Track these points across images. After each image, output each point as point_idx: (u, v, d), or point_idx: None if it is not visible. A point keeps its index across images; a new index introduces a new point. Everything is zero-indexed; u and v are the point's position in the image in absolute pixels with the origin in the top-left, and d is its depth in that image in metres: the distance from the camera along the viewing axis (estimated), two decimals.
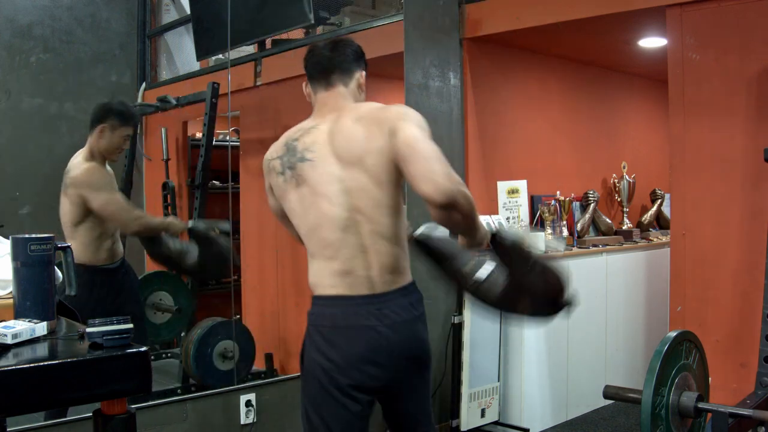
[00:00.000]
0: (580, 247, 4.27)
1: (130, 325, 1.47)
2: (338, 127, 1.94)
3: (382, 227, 1.92)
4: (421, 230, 1.96)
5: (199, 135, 4.46)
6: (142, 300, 3.91)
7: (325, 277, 1.95)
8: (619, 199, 4.84)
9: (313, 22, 4.10)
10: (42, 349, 1.50)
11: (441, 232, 1.94)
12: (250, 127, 4.83)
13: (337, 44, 2.07)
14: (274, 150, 2.04)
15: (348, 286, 1.93)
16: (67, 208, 3.22)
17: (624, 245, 4.54)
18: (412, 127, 1.84)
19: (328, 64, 2.04)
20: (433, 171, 1.76)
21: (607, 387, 2.25)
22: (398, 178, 1.89)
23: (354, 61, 2.07)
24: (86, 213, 3.18)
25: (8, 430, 1.95)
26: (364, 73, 2.10)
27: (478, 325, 3.72)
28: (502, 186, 4.10)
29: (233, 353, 3.64)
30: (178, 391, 3.57)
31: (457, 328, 3.66)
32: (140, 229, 3.47)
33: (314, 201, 1.93)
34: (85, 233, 3.19)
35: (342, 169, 1.91)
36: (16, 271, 1.60)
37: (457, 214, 1.79)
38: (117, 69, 5.39)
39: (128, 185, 4.61)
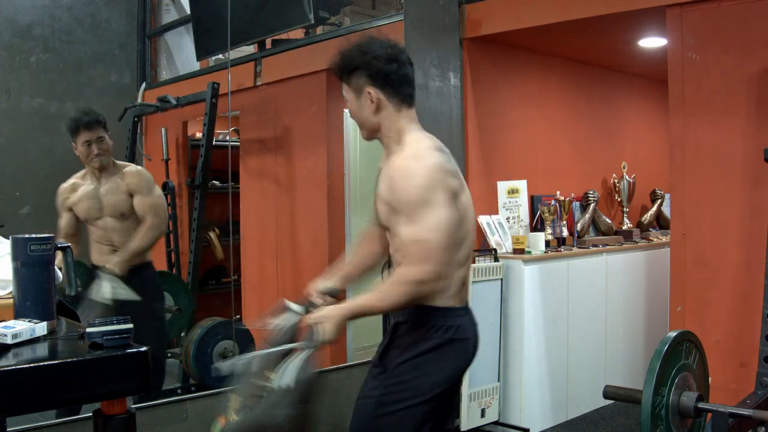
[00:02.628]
0: (580, 247, 4.27)
1: (130, 325, 1.47)
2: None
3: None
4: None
5: (199, 135, 4.46)
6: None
7: (450, 287, 1.91)
8: (619, 199, 4.84)
9: (313, 22, 4.10)
10: (42, 349, 1.50)
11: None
12: (250, 127, 4.83)
13: (407, 56, 1.97)
14: (439, 154, 1.92)
15: (461, 297, 1.97)
16: None
17: (624, 245, 4.54)
18: None
19: (413, 78, 1.98)
20: None
21: (607, 387, 2.24)
22: None
23: None
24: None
25: (8, 430, 1.96)
26: None
27: (478, 325, 3.72)
28: (502, 186, 4.10)
29: (233, 353, 3.65)
30: (178, 391, 3.57)
31: None
32: None
33: (469, 207, 1.98)
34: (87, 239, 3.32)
35: (463, 189, 1.98)
36: (16, 271, 1.60)
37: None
38: (117, 69, 5.40)
39: None
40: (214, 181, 4.86)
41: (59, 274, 1.78)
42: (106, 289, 3.16)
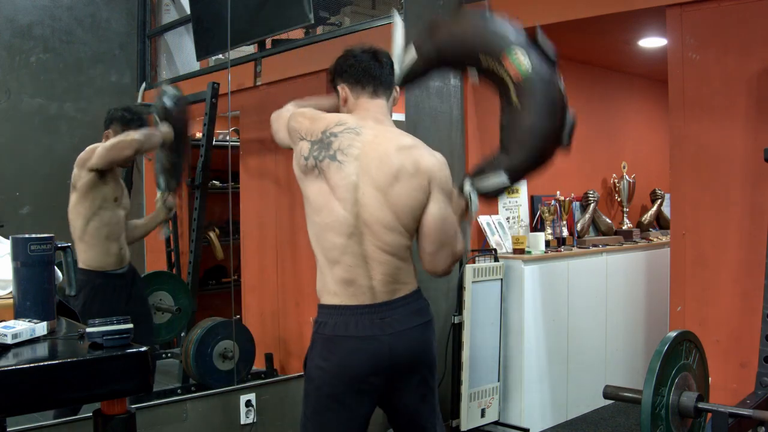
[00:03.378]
0: (580, 247, 4.27)
1: (130, 325, 1.48)
2: (379, 147, 1.97)
3: (385, 245, 1.96)
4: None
5: (199, 135, 4.46)
6: (148, 304, 3.92)
7: (329, 284, 1.98)
8: (619, 199, 4.84)
9: (313, 22, 4.10)
10: (42, 349, 1.50)
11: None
12: (250, 127, 4.83)
13: (381, 55, 2.10)
14: (310, 131, 2.02)
15: (350, 295, 1.96)
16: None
17: (624, 245, 4.54)
18: (440, 203, 1.98)
19: (376, 73, 2.07)
20: (438, 260, 2.01)
21: (607, 387, 2.24)
22: (415, 221, 1.97)
23: (393, 75, 2.13)
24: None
25: (8, 430, 1.96)
26: (398, 88, 2.16)
27: (478, 325, 3.72)
28: None
29: (233, 353, 3.65)
30: (178, 391, 3.57)
31: (457, 328, 3.66)
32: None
33: (329, 201, 1.96)
34: (93, 234, 3.21)
35: (365, 184, 1.94)
36: (16, 271, 1.60)
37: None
38: (117, 69, 5.40)
39: (128, 185, 4.61)
40: (214, 181, 4.86)
41: (59, 274, 1.78)
42: None
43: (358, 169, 1.94)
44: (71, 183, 3.20)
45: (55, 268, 1.69)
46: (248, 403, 3.29)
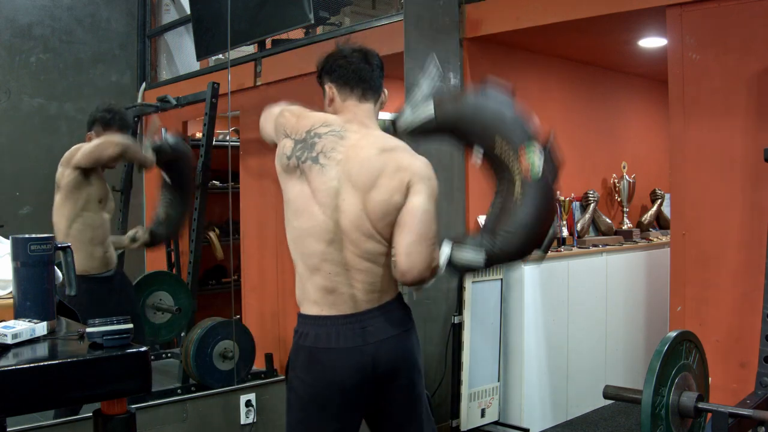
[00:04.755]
0: (580, 247, 4.27)
1: (130, 325, 1.47)
2: (361, 151, 1.92)
3: (364, 252, 1.91)
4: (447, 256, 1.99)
5: (199, 135, 4.46)
6: (139, 308, 3.91)
7: (309, 293, 1.95)
8: (619, 199, 4.84)
9: (313, 22, 4.10)
10: (42, 349, 1.50)
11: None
12: (250, 127, 4.82)
13: (371, 57, 2.05)
14: (296, 129, 1.99)
15: (331, 304, 1.92)
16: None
17: (624, 245, 4.54)
18: (423, 197, 1.89)
19: (367, 76, 2.02)
20: (415, 253, 1.87)
21: (607, 387, 2.24)
22: (390, 227, 1.91)
23: (382, 78, 2.08)
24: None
25: (8, 430, 1.96)
26: (386, 91, 2.11)
27: (478, 325, 3.72)
28: None
29: (233, 353, 3.64)
30: (178, 391, 3.57)
31: (457, 328, 3.66)
32: None
33: (309, 205, 1.93)
34: (76, 236, 3.16)
35: (346, 190, 1.90)
36: (16, 271, 1.60)
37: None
38: (117, 69, 5.40)
39: (128, 185, 4.62)
40: (214, 181, 4.86)
41: (59, 274, 1.78)
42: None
43: (339, 174, 1.90)
44: (56, 182, 3.17)
45: (55, 268, 1.69)
46: (248, 403, 3.29)
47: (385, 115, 2.14)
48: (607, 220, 4.63)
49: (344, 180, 1.90)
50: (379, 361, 1.93)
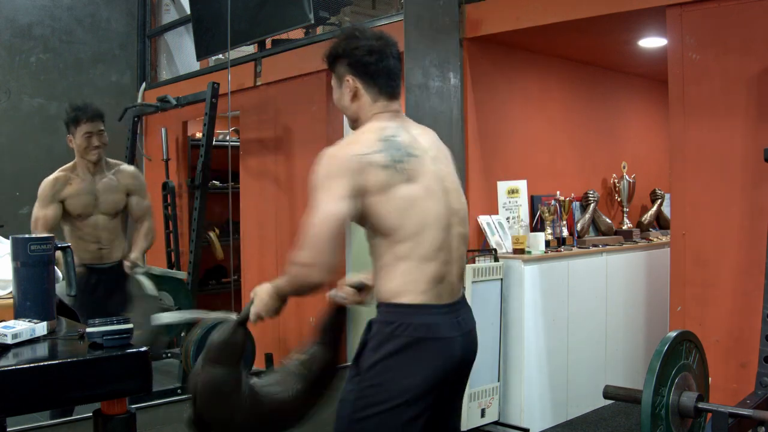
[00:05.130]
0: (580, 247, 4.27)
1: (130, 325, 1.48)
2: (426, 137, 1.96)
3: (463, 235, 1.92)
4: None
5: (199, 135, 4.47)
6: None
7: (419, 283, 1.82)
8: (619, 199, 4.84)
9: (313, 22, 4.11)
10: (42, 349, 1.50)
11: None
12: (250, 127, 4.83)
13: (397, 51, 1.97)
14: (366, 147, 1.82)
15: (437, 294, 1.84)
16: None
17: (624, 245, 4.54)
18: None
19: (398, 74, 1.96)
20: None
21: (607, 387, 2.24)
22: None
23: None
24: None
25: (8, 430, 1.96)
26: None
27: (478, 325, 3.71)
28: (502, 186, 4.10)
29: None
30: (178, 391, 3.57)
31: None
32: None
33: (427, 196, 1.85)
34: (68, 234, 3.35)
35: (445, 173, 1.93)
36: (16, 271, 1.60)
37: None
38: (117, 69, 5.41)
39: None
40: (214, 181, 4.86)
41: (59, 274, 1.79)
42: (148, 285, 3.36)
43: (433, 159, 1.90)
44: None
45: (55, 268, 1.69)
46: None
47: None
48: (607, 220, 4.63)
49: (438, 163, 1.92)
50: (465, 352, 1.89)
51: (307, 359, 1.97)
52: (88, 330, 1.46)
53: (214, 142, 4.28)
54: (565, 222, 4.29)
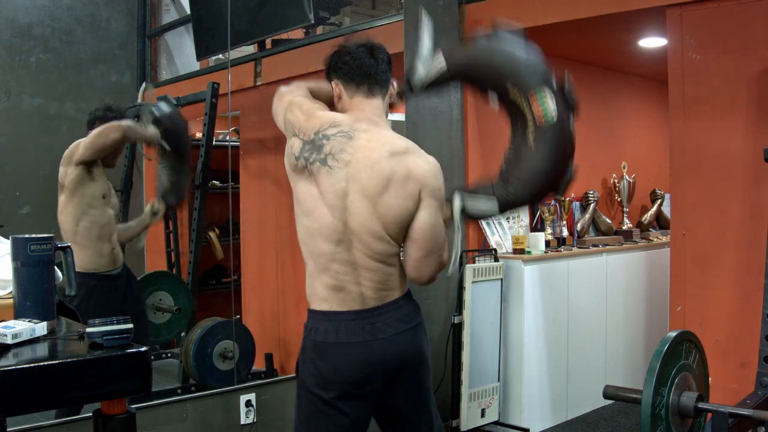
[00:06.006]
0: (580, 247, 4.27)
1: (130, 325, 1.47)
2: (371, 153, 1.91)
3: (374, 253, 1.93)
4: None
5: (199, 135, 4.46)
6: (144, 304, 3.91)
7: (318, 290, 1.97)
8: (619, 199, 4.84)
9: (313, 22, 4.10)
10: (42, 349, 1.49)
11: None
12: (250, 127, 4.83)
13: (377, 51, 2.04)
14: (308, 126, 1.97)
15: (340, 301, 1.94)
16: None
17: (624, 245, 4.54)
18: (431, 212, 1.94)
19: (372, 71, 2.01)
20: (423, 266, 1.97)
21: (607, 387, 2.24)
22: (402, 230, 1.94)
23: (389, 72, 2.07)
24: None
25: (8, 430, 1.96)
26: (395, 83, 2.12)
27: (478, 325, 3.72)
28: None
29: (233, 353, 3.65)
30: (178, 391, 3.57)
31: (457, 328, 3.66)
32: None
33: (318, 206, 1.93)
34: (84, 234, 3.18)
35: (355, 192, 1.90)
36: (16, 271, 1.60)
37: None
38: (117, 69, 5.40)
39: (128, 185, 4.61)
40: (214, 181, 4.85)
41: (59, 274, 1.78)
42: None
43: (348, 176, 1.89)
44: (59, 183, 3.19)
45: (55, 268, 1.69)
46: (248, 403, 3.29)
47: (394, 116, 2.14)
48: (607, 220, 4.63)
49: (352, 182, 1.90)
50: (387, 356, 1.95)
51: None
52: (88, 330, 1.46)
53: (214, 142, 4.27)
54: (565, 222, 4.29)
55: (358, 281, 1.93)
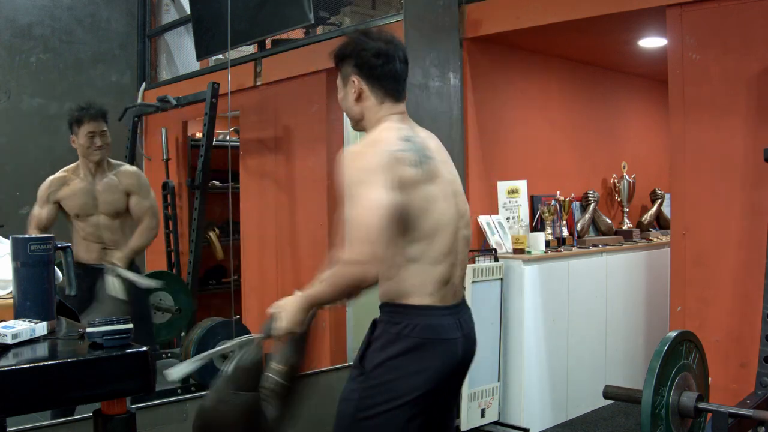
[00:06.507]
0: (580, 247, 4.27)
1: (130, 325, 1.47)
2: (432, 141, 1.97)
3: (466, 238, 1.95)
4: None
5: (199, 135, 4.47)
6: (148, 307, 3.91)
7: (427, 285, 1.84)
8: (619, 199, 4.84)
9: (313, 22, 4.10)
10: (42, 349, 1.49)
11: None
12: (250, 127, 4.83)
13: (405, 54, 1.96)
14: (393, 143, 1.82)
15: (441, 296, 1.86)
16: None
17: (624, 245, 4.54)
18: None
19: (404, 77, 1.96)
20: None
21: (607, 387, 2.24)
22: None
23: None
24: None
25: (8, 430, 1.96)
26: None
27: (478, 325, 3.71)
28: (502, 186, 4.10)
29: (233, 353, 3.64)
30: (178, 391, 3.57)
31: None
32: None
33: (437, 201, 1.86)
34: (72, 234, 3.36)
35: (453, 175, 1.96)
36: (16, 271, 1.60)
37: None
38: (117, 69, 5.40)
39: None
40: (214, 181, 4.86)
41: (59, 274, 1.78)
42: (117, 286, 3.21)
43: (441, 162, 1.92)
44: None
45: (55, 268, 1.69)
46: None
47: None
48: (607, 220, 4.63)
49: (446, 165, 1.95)
50: (466, 352, 1.92)
51: (287, 371, 1.90)
52: (88, 330, 1.46)
53: (214, 142, 4.28)
54: (565, 222, 4.29)
55: (456, 273, 1.91)
